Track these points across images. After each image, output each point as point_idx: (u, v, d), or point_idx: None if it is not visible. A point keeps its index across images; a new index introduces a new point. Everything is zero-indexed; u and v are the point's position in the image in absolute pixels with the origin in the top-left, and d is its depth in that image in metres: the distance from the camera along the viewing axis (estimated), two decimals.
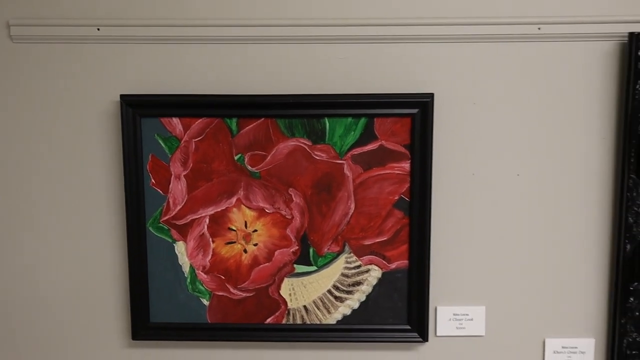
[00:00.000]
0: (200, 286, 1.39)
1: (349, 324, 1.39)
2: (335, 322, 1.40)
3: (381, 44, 1.32)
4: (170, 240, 1.38)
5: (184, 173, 1.36)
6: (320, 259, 1.37)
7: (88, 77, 1.35)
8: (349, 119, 1.32)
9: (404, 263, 1.36)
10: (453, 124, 1.34)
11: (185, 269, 1.39)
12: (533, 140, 1.35)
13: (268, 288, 1.39)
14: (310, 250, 1.37)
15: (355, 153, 1.34)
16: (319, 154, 1.34)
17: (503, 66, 1.33)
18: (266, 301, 1.39)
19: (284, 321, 1.40)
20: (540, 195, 1.36)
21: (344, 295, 1.39)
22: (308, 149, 1.34)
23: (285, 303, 1.39)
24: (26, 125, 1.37)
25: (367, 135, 1.33)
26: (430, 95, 1.30)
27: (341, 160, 1.34)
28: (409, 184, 1.34)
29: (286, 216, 1.36)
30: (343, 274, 1.38)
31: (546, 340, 1.41)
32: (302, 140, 1.34)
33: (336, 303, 1.39)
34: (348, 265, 1.37)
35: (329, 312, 1.39)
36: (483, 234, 1.38)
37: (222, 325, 1.40)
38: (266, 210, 1.36)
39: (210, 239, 1.37)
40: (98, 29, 1.33)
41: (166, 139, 1.35)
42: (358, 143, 1.33)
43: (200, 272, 1.39)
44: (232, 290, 1.39)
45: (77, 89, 1.36)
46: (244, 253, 1.38)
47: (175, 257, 1.38)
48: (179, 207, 1.37)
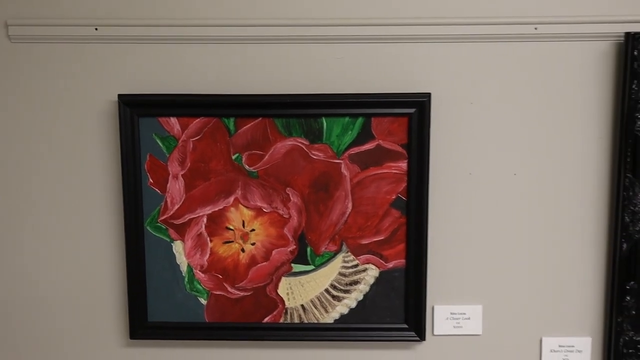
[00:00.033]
0: (198, 285, 1.39)
1: (346, 323, 1.39)
2: (332, 321, 1.40)
3: (378, 43, 1.33)
4: (168, 240, 1.38)
5: (182, 172, 1.36)
6: (317, 258, 1.38)
7: (86, 77, 1.36)
8: (346, 119, 1.33)
9: (401, 262, 1.37)
10: (450, 123, 1.35)
11: (183, 268, 1.39)
12: (530, 139, 1.35)
13: (266, 287, 1.39)
14: (308, 249, 1.37)
15: (353, 152, 1.34)
16: (316, 153, 1.34)
17: (500, 66, 1.33)
18: (264, 300, 1.39)
19: (281, 320, 1.40)
20: (537, 194, 1.37)
21: (341, 295, 1.39)
22: (305, 149, 1.34)
23: (283, 302, 1.40)
24: (24, 124, 1.38)
25: (365, 135, 1.33)
26: (427, 95, 1.31)
27: (338, 159, 1.34)
28: (406, 184, 1.34)
29: (284, 215, 1.36)
30: (340, 273, 1.38)
31: (543, 339, 1.41)
32: (300, 140, 1.34)
33: (334, 302, 1.39)
34: (345, 264, 1.38)
35: (327, 311, 1.40)
36: (480, 233, 1.38)
37: (220, 325, 1.40)
38: (264, 210, 1.36)
39: (208, 238, 1.38)
40: (96, 29, 1.33)
41: (164, 138, 1.35)
42: (355, 142, 1.33)
43: (198, 272, 1.39)
44: (230, 289, 1.39)
45: (75, 89, 1.36)
46: (241, 252, 1.38)
47: (173, 257, 1.39)
48: (177, 207, 1.37)
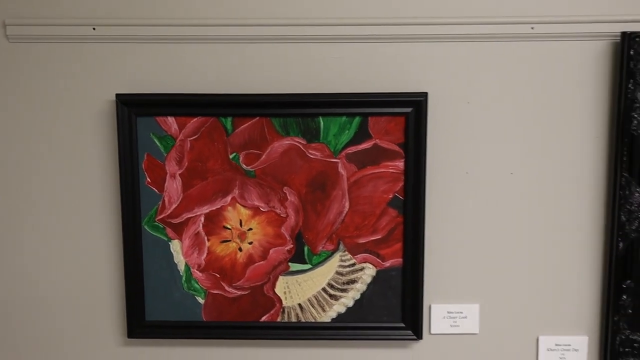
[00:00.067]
0: (196, 284, 1.40)
1: (343, 322, 1.40)
2: (330, 320, 1.40)
3: (375, 43, 1.33)
4: (166, 239, 1.38)
5: (179, 172, 1.36)
6: (314, 257, 1.38)
7: (84, 77, 1.36)
8: (344, 118, 1.33)
9: (398, 261, 1.37)
10: (447, 122, 1.35)
11: (181, 267, 1.39)
12: (527, 139, 1.35)
13: (263, 286, 1.39)
14: (305, 248, 1.38)
15: (350, 152, 1.34)
16: (313, 152, 1.34)
17: (497, 65, 1.33)
18: (261, 299, 1.40)
19: (278, 319, 1.40)
20: (533, 193, 1.37)
21: (338, 294, 1.39)
22: (303, 148, 1.34)
23: (280, 301, 1.40)
24: (22, 124, 1.38)
25: (362, 134, 1.33)
26: (424, 95, 1.31)
27: (335, 159, 1.34)
28: (403, 183, 1.34)
29: (281, 215, 1.37)
30: (337, 272, 1.38)
31: (540, 337, 1.41)
32: (297, 139, 1.34)
33: (331, 301, 1.40)
34: (342, 263, 1.38)
35: (324, 310, 1.40)
36: (477, 232, 1.38)
37: (218, 324, 1.40)
38: (261, 209, 1.37)
39: (206, 238, 1.38)
40: (94, 29, 1.34)
41: (161, 137, 1.35)
42: (352, 142, 1.34)
43: (195, 271, 1.39)
44: (227, 288, 1.40)
45: (73, 88, 1.36)
46: (239, 251, 1.38)
47: (171, 256, 1.39)
48: (174, 206, 1.37)
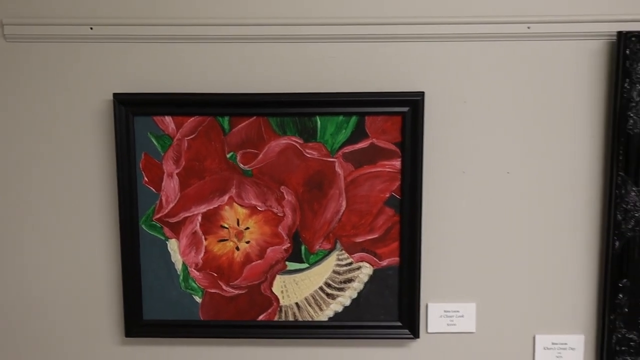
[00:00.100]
0: (193, 283, 1.40)
1: (340, 320, 1.40)
2: (327, 319, 1.40)
3: (372, 42, 1.33)
4: (163, 238, 1.39)
5: (177, 171, 1.36)
6: (311, 256, 1.38)
7: (81, 76, 1.36)
8: (340, 117, 1.33)
9: (395, 260, 1.37)
10: (444, 122, 1.35)
11: (178, 266, 1.40)
12: (523, 138, 1.36)
13: (260, 285, 1.40)
14: (302, 247, 1.38)
15: (347, 151, 1.34)
16: (310, 152, 1.35)
17: (493, 65, 1.34)
18: (258, 298, 1.40)
19: (276, 318, 1.41)
20: (530, 192, 1.37)
21: (335, 293, 1.40)
22: (300, 147, 1.35)
23: (277, 300, 1.40)
24: (19, 124, 1.38)
25: (358, 134, 1.34)
26: (421, 94, 1.31)
27: (332, 158, 1.35)
28: (399, 182, 1.35)
29: (278, 214, 1.37)
30: (334, 271, 1.39)
31: (536, 336, 1.42)
32: (294, 139, 1.34)
33: (328, 300, 1.40)
34: (339, 262, 1.38)
35: (321, 309, 1.40)
36: (473, 231, 1.39)
37: (215, 323, 1.41)
38: (258, 208, 1.37)
39: (203, 237, 1.38)
40: (91, 28, 1.34)
41: (159, 137, 1.36)
42: (349, 141, 1.34)
43: (192, 270, 1.39)
44: (225, 287, 1.40)
45: (71, 88, 1.36)
46: (236, 250, 1.39)
47: (168, 255, 1.39)
48: (172, 205, 1.37)
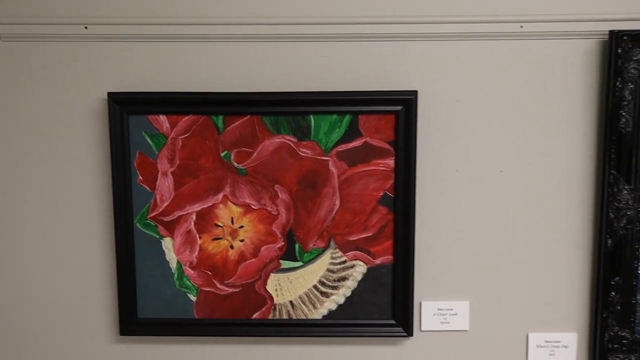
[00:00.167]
0: (188, 282, 1.40)
1: (334, 319, 1.41)
2: (321, 317, 1.41)
3: (366, 42, 1.34)
4: (158, 237, 1.39)
5: (171, 170, 1.37)
6: (305, 254, 1.39)
7: (76, 75, 1.36)
8: (334, 116, 1.34)
9: (388, 258, 1.38)
10: (437, 121, 1.36)
11: (173, 264, 1.40)
12: (516, 137, 1.36)
13: (254, 283, 1.40)
14: (296, 246, 1.38)
15: (340, 150, 1.35)
16: (304, 150, 1.35)
17: (486, 64, 1.34)
18: (253, 296, 1.41)
19: (270, 316, 1.41)
20: (523, 191, 1.38)
21: (329, 291, 1.40)
22: (293, 146, 1.35)
23: (272, 298, 1.41)
24: (13, 122, 1.38)
25: (352, 132, 1.34)
26: (414, 93, 1.32)
27: (326, 156, 1.35)
28: (393, 180, 1.35)
29: (272, 212, 1.37)
30: (328, 270, 1.39)
31: (529, 334, 1.42)
32: (288, 137, 1.35)
33: (322, 298, 1.40)
34: (333, 260, 1.39)
35: (315, 307, 1.41)
36: (467, 229, 1.39)
37: (209, 321, 1.41)
38: (252, 207, 1.38)
39: (197, 235, 1.39)
40: (86, 27, 1.34)
41: (153, 136, 1.36)
42: (343, 140, 1.35)
43: (187, 268, 1.40)
44: (219, 285, 1.40)
45: (65, 87, 1.37)
46: (230, 249, 1.39)
47: (163, 253, 1.40)
48: (166, 204, 1.38)
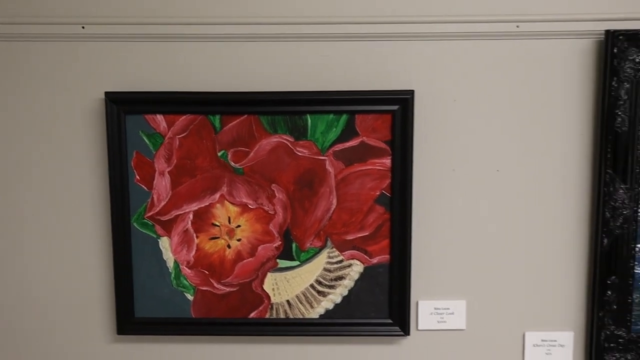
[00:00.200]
0: (185, 281, 1.41)
1: (331, 318, 1.41)
2: (318, 317, 1.41)
3: (362, 41, 1.34)
4: (155, 236, 1.39)
5: (168, 169, 1.37)
6: (302, 254, 1.39)
7: (73, 75, 1.37)
8: (331, 116, 1.34)
9: (385, 258, 1.38)
10: (433, 120, 1.36)
11: (170, 264, 1.40)
12: (512, 136, 1.37)
13: (251, 283, 1.40)
14: (293, 245, 1.39)
15: (337, 149, 1.35)
16: (301, 150, 1.35)
17: (483, 63, 1.35)
18: (250, 296, 1.41)
19: (267, 315, 1.41)
20: (519, 190, 1.38)
21: (326, 290, 1.40)
22: (290, 145, 1.35)
23: (269, 298, 1.41)
24: (11, 122, 1.39)
25: (349, 132, 1.34)
26: (411, 92, 1.32)
27: (323, 156, 1.35)
28: (390, 180, 1.36)
29: (269, 212, 1.38)
30: (325, 269, 1.39)
31: (526, 333, 1.42)
32: (285, 137, 1.35)
33: (319, 297, 1.41)
34: (330, 260, 1.39)
35: (312, 307, 1.41)
36: (463, 229, 1.39)
37: (206, 320, 1.41)
38: (249, 206, 1.38)
39: (194, 235, 1.39)
40: (83, 27, 1.34)
41: (150, 135, 1.36)
42: (340, 139, 1.35)
43: (184, 267, 1.40)
44: (216, 285, 1.40)
45: (62, 87, 1.37)
46: (227, 248, 1.39)
47: (160, 253, 1.40)
48: (163, 203, 1.38)
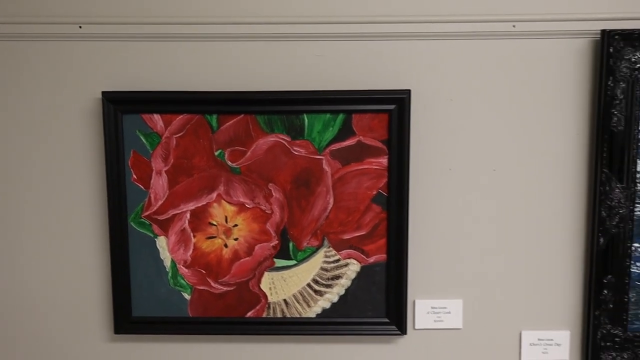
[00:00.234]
0: (182, 280, 1.41)
1: (328, 317, 1.41)
2: (315, 316, 1.41)
3: (359, 41, 1.34)
4: (152, 235, 1.40)
5: (165, 169, 1.37)
6: (299, 253, 1.39)
7: (70, 75, 1.37)
8: (327, 115, 1.34)
9: (382, 257, 1.38)
10: (430, 119, 1.36)
11: (167, 263, 1.40)
12: (509, 135, 1.37)
13: (248, 282, 1.41)
14: (290, 244, 1.39)
15: (334, 148, 1.35)
16: (298, 149, 1.36)
17: (479, 63, 1.35)
18: (247, 295, 1.41)
19: (264, 315, 1.41)
20: (516, 190, 1.38)
21: (323, 289, 1.40)
22: (287, 145, 1.36)
23: (266, 297, 1.41)
24: (8, 122, 1.39)
25: (345, 131, 1.35)
26: (407, 92, 1.32)
27: (320, 155, 1.36)
28: (386, 179, 1.36)
29: (266, 211, 1.38)
30: (322, 268, 1.40)
31: (522, 332, 1.43)
32: (282, 136, 1.35)
33: (316, 297, 1.41)
34: (327, 259, 1.39)
35: (309, 306, 1.41)
36: (460, 228, 1.40)
37: (203, 319, 1.41)
38: (246, 205, 1.38)
39: (191, 234, 1.39)
40: (80, 27, 1.35)
41: (147, 135, 1.36)
42: (336, 139, 1.35)
43: (181, 267, 1.40)
44: (213, 284, 1.41)
45: (59, 87, 1.37)
46: (224, 247, 1.40)
47: (157, 252, 1.40)
48: (160, 203, 1.38)
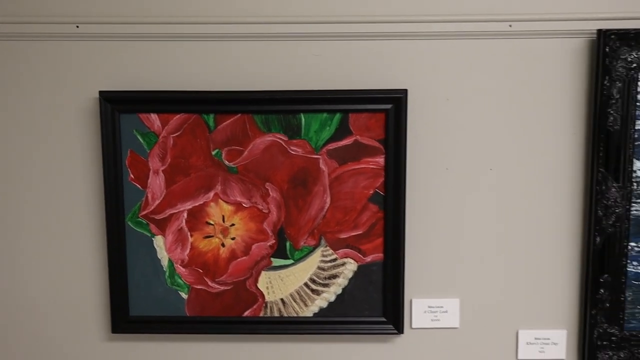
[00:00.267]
0: (179, 280, 1.41)
1: (325, 316, 1.41)
2: (312, 315, 1.42)
3: (356, 40, 1.34)
4: (149, 235, 1.40)
5: (162, 168, 1.37)
6: (296, 252, 1.39)
7: (67, 74, 1.37)
8: (324, 115, 1.34)
9: (379, 256, 1.39)
10: (427, 119, 1.37)
11: (164, 262, 1.41)
12: (505, 135, 1.37)
13: (246, 281, 1.41)
14: (287, 243, 1.39)
15: (331, 148, 1.36)
16: (294, 149, 1.36)
17: (475, 63, 1.35)
18: (244, 294, 1.41)
19: (261, 314, 1.42)
20: (512, 189, 1.39)
21: (320, 288, 1.41)
22: (284, 144, 1.36)
23: (263, 296, 1.41)
24: (4, 122, 1.39)
25: (342, 131, 1.35)
26: (404, 91, 1.32)
27: (317, 155, 1.36)
28: (383, 179, 1.36)
29: (263, 210, 1.38)
30: (319, 267, 1.40)
31: (519, 331, 1.43)
32: (279, 136, 1.36)
33: (313, 296, 1.41)
34: (324, 258, 1.39)
35: (306, 305, 1.41)
36: (457, 227, 1.40)
37: (201, 319, 1.42)
38: (243, 205, 1.38)
39: (189, 233, 1.39)
40: (77, 27, 1.35)
41: (144, 134, 1.37)
42: (333, 138, 1.35)
43: (178, 266, 1.40)
44: (210, 283, 1.41)
45: (57, 86, 1.37)
46: (221, 247, 1.40)
47: (154, 251, 1.40)
48: (158, 202, 1.38)
